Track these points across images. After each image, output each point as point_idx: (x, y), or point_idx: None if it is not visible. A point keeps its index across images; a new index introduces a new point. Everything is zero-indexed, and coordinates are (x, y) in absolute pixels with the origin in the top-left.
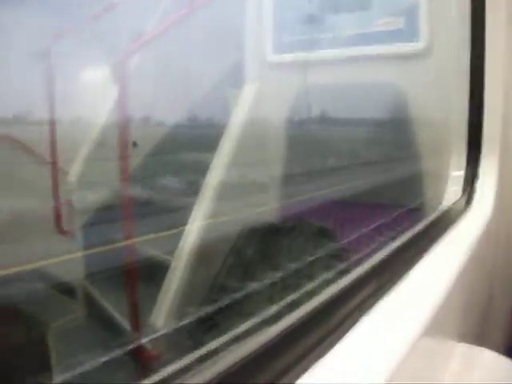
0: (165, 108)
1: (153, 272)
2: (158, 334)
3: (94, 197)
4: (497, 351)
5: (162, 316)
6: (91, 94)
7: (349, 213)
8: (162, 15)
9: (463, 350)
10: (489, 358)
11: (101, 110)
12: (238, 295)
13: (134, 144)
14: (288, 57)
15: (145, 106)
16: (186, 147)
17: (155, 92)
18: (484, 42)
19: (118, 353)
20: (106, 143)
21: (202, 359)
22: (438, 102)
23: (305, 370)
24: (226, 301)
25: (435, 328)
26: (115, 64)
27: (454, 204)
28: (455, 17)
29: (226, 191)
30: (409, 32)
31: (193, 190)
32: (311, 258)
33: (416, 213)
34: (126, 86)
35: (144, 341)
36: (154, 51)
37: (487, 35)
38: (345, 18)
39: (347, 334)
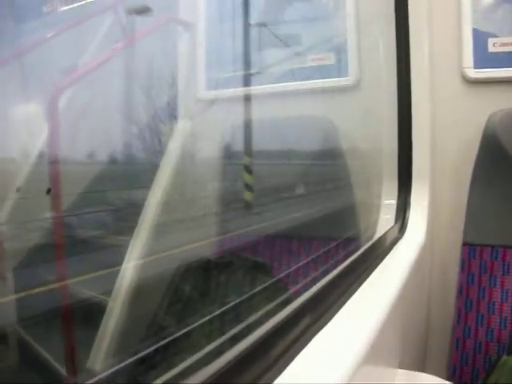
0: (96, 146)
1: (90, 313)
2: (96, 378)
3: (25, 238)
4: (438, 374)
5: (100, 359)
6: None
7: (285, 246)
8: (95, 51)
9: (403, 375)
10: (428, 382)
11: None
12: (176, 333)
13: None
14: (220, 93)
15: (74, 145)
16: (120, 186)
17: (85, 130)
18: (410, 75)
19: None
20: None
21: None
22: (369, 133)
23: None
24: (164, 340)
25: (374, 356)
26: (44, 101)
27: (387, 232)
28: (382, 52)
29: (161, 228)
30: (339, 67)
31: (127, 228)
32: (247, 293)
33: (352, 243)
34: (54, 124)
35: None
36: (85, 88)
37: (412, 70)
38: (277, 54)
39: (285, 370)
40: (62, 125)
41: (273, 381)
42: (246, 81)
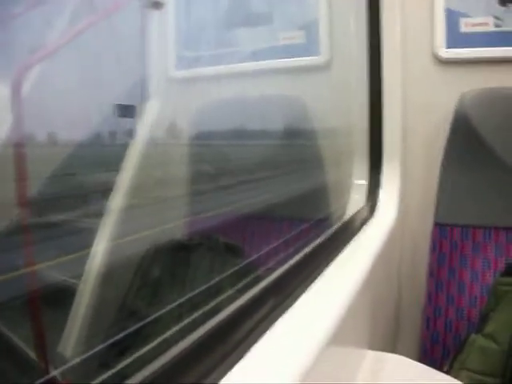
0: (65, 125)
1: (60, 297)
2: (67, 363)
3: None
4: (409, 355)
5: (71, 344)
6: None
7: (256, 228)
8: (62, 28)
9: (372, 356)
10: (397, 363)
11: None
12: (146, 316)
13: None
14: (191, 72)
15: (41, 124)
16: (88, 166)
17: (52, 108)
18: (381, 55)
19: None
20: None
21: (126, 367)
22: (340, 113)
23: None
24: (134, 323)
25: (342, 337)
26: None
27: (357, 213)
28: (354, 31)
29: (131, 210)
30: (310, 46)
31: (96, 210)
32: (218, 274)
33: (322, 223)
34: (21, 102)
35: (53, 372)
36: (53, 65)
37: (383, 50)
38: (248, 33)
39: (249, 352)
40: (25, 105)
41: (236, 363)
42: (216, 60)
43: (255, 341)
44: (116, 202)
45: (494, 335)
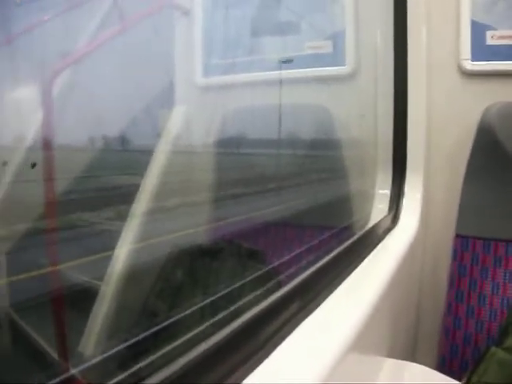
0: (89, 131)
1: (82, 298)
2: (87, 362)
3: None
4: (426, 365)
5: (92, 343)
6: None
7: (279, 235)
8: (91, 36)
9: (391, 364)
10: (417, 372)
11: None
12: (167, 319)
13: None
14: (218, 80)
15: (69, 128)
16: (114, 170)
17: (80, 114)
18: (406, 66)
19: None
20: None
21: (148, 366)
22: (365, 123)
23: None
24: (156, 325)
25: (362, 343)
26: (39, 83)
27: (380, 222)
28: (380, 42)
29: (155, 214)
30: (337, 56)
31: (121, 214)
32: (240, 280)
33: (345, 232)
34: (50, 107)
35: (73, 370)
36: (81, 72)
37: (409, 61)
38: (275, 42)
39: (271, 354)
40: (56, 108)
41: (259, 364)
42: (242, 68)
43: (277, 344)
44: (141, 205)
45: None
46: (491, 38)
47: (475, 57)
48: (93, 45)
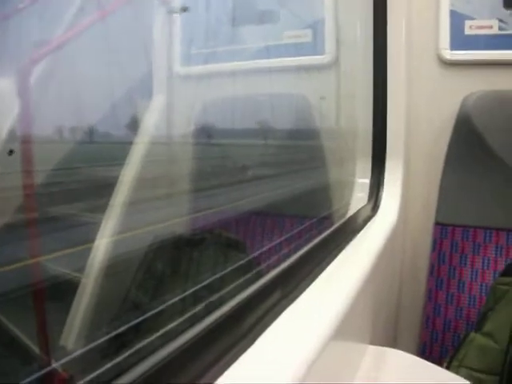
0: (66, 121)
1: (63, 291)
2: (69, 355)
3: None
4: (408, 352)
5: (73, 336)
6: None
7: (260, 224)
8: (69, 23)
9: (373, 351)
10: (398, 358)
11: None
12: (148, 310)
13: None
14: (196, 69)
15: (46, 118)
16: (93, 159)
17: (58, 103)
18: (386, 55)
19: (28, 377)
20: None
21: (121, 363)
22: (343, 112)
23: (214, 377)
24: (136, 317)
25: (345, 331)
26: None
27: (359, 211)
28: (359, 31)
29: (134, 205)
30: (316, 45)
31: (100, 204)
32: (221, 269)
33: (325, 221)
34: (28, 96)
35: (54, 364)
36: (58, 60)
37: (388, 50)
38: (254, 31)
39: (254, 344)
40: (33, 98)
41: (242, 353)
42: (221, 57)
43: (258, 334)
44: (119, 196)
45: (493, 334)
46: (469, 28)
47: (454, 46)
48: (69, 33)
